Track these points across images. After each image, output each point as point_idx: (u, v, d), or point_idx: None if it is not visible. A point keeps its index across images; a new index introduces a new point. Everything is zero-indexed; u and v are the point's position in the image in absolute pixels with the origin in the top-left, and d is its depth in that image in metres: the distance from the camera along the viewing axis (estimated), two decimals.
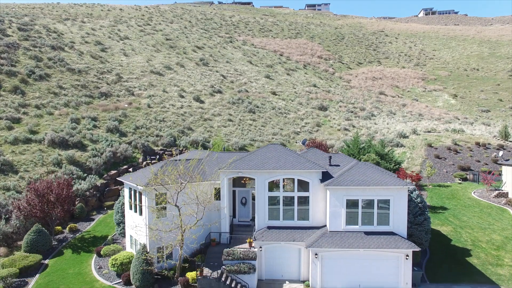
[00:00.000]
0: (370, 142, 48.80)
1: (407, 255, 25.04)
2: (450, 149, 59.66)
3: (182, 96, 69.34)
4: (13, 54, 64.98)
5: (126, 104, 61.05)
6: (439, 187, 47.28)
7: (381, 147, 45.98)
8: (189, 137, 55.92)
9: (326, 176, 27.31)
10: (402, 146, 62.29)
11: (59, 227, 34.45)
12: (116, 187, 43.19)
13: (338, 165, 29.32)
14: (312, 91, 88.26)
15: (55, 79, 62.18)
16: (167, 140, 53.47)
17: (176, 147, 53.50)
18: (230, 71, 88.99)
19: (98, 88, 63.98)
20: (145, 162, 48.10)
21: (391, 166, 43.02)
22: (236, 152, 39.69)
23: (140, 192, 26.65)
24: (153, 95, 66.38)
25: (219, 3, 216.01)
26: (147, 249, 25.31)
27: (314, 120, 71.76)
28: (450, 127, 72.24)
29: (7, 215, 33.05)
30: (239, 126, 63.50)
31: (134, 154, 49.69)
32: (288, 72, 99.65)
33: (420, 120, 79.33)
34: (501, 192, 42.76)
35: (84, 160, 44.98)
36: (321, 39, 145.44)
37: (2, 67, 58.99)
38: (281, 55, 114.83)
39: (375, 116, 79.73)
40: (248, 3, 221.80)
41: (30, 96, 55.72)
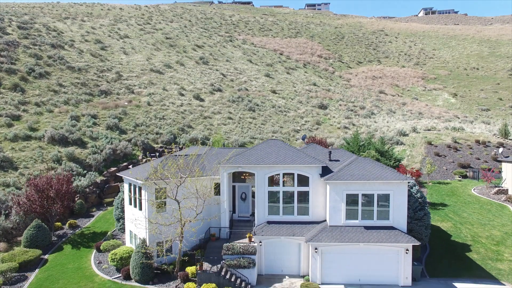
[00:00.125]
0: (370, 140, 48.72)
1: (407, 250, 25.04)
2: (450, 147, 59.61)
3: (182, 94, 69.33)
4: (13, 52, 64.98)
5: (126, 102, 61.04)
6: (439, 184, 47.25)
7: (381, 144, 45.94)
8: (189, 135, 55.93)
9: (326, 171, 27.29)
10: (402, 144, 62.25)
11: (59, 223, 34.43)
12: (116, 184, 43.20)
13: (338, 160, 29.30)
14: (312, 90, 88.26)
15: (55, 77, 62.18)
16: (167, 138, 53.49)
17: (176, 145, 53.48)
18: (230, 70, 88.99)
19: (98, 86, 63.98)
20: (145, 159, 48.07)
21: (391, 163, 42.96)
22: (236, 148, 39.65)
23: (140, 187, 26.63)
24: (153, 93, 66.38)
25: (219, 3, 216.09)
26: (147, 244, 25.30)
27: (314, 119, 71.75)
28: (450, 126, 72.17)
29: (7, 211, 33.04)
30: (239, 124, 63.49)
31: (134, 152, 49.70)
32: (288, 71, 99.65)
33: (420, 119, 79.29)
34: (501, 189, 42.70)
35: (84, 157, 44.99)
36: (321, 39, 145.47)
37: (2, 65, 58.99)
38: (281, 54, 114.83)
39: (375, 115, 79.73)
40: (248, 3, 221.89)
41: (30, 94, 55.71)
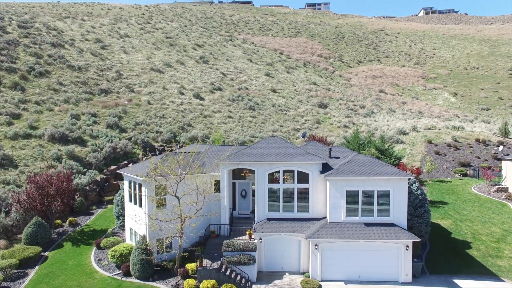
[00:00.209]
0: (370, 138, 48.71)
1: (407, 246, 25.03)
2: (450, 146, 59.62)
3: (182, 93, 69.34)
4: (13, 51, 65.00)
5: (126, 101, 61.04)
6: (439, 183, 47.25)
7: (381, 143, 45.92)
8: (189, 133, 55.93)
9: (326, 168, 27.29)
10: (402, 143, 62.25)
11: (59, 221, 34.43)
12: (116, 182, 43.18)
13: (338, 157, 29.31)
14: (312, 89, 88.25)
15: (55, 76, 62.20)
16: (167, 136, 53.47)
17: (176, 144, 53.47)
18: (230, 69, 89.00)
19: (98, 85, 63.99)
20: (145, 158, 48.06)
21: (391, 161, 42.93)
22: (236, 146, 39.64)
23: (140, 184, 26.63)
24: (153, 92, 66.39)
25: (219, 2, 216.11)
26: (147, 240, 25.30)
27: (314, 117, 71.75)
28: (450, 124, 72.17)
29: (7, 209, 33.04)
30: (239, 123, 63.49)
31: (134, 150, 49.70)
32: (288, 70, 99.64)
33: (420, 118, 79.27)
34: (501, 187, 42.72)
35: (84, 155, 44.99)
36: (321, 38, 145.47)
37: (2, 64, 59.01)
38: (281, 54, 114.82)
39: (375, 114, 79.72)
40: (248, 2, 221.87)
41: (30, 92, 55.72)
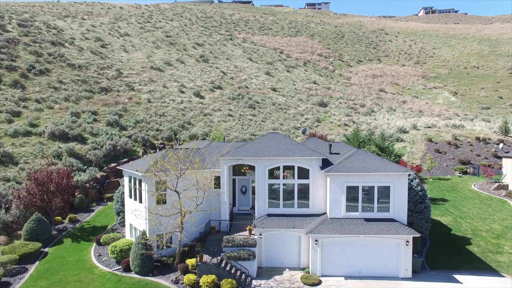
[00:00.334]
0: (370, 136, 48.69)
1: (407, 241, 25.02)
2: (450, 144, 59.64)
3: (182, 92, 69.35)
4: (13, 49, 65.01)
5: (126, 99, 61.05)
6: (439, 180, 47.24)
7: (381, 140, 45.87)
8: (189, 132, 55.95)
9: (326, 164, 27.29)
10: (402, 141, 62.28)
11: (59, 218, 34.43)
12: (116, 180, 43.21)
13: (338, 153, 29.29)
14: (312, 88, 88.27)
15: (55, 74, 62.20)
16: (167, 134, 53.46)
17: (176, 142, 53.45)
18: (230, 68, 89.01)
19: (98, 83, 63.99)
20: (145, 156, 48.05)
21: (391, 159, 42.83)
22: (236, 142, 39.60)
23: (140, 180, 26.64)
24: (153, 90, 66.39)
25: (219, 2, 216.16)
26: (147, 235, 25.30)
27: (314, 116, 71.77)
28: (450, 123, 72.19)
29: (7, 205, 33.03)
30: (239, 121, 63.51)
31: (134, 148, 49.69)
32: (288, 69, 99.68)
33: (420, 117, 79.29)
34: (501, 185, 42.72)
35: (84, 153, 44.99)
36: (321, 37, 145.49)
37: (2, 62, 59.01)
38: (281, 53, 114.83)
39: (375, 112, 79.73)
40: (248, 2, 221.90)
41: (30, 91, 55.72)
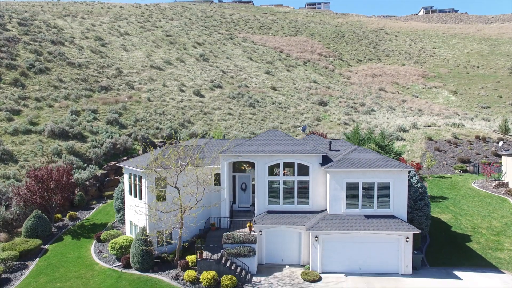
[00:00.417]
0: (370, 135, 48.70)
1: (408, 238, 25.03)
2: (450, 143, 59.64)
3: (182, 90, 69.35)
4: (13, 48, 64.99)
5: (126, 98, 61.06)
6: (439, 178, 47.25)
7: (381, 139, 45.90)
8: (189, 130, 55.97)
9: (326, 160, 27.30)
10: (402, 140, 62.28)
11: (59, 215, 34.45)
12: (116, 178, 43.18)
13: (338, 150, 29.31)
14: (312, 87, 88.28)
15: (55, 73, 62.20)
16: (167, 133, 53.49)
17: (176, 140, 53.50)
18: (230, 67, 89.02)
19: (98, 82, 64.00)
20: (145, 154, 48.10)
21: (391, 157, 42.88)
22: (236, 139, 39.60)
23: (140, 176, 26.63)
24: (153, 89, 66.40)
25: (219, 2, 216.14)
26: (147, 232, 25.30)
27: (314, 115, 71.77)
28: (450, 122, 72.19)
29: (7, 202, 33.04)
30: (239, 120, 63.50)
31: (134, 146, 49.70)
32: (288, 69, 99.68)
33: (420, 116, 79.30)
34: (501, 183, 42.73)
35: (84, 151, 44.99)
36: (321, 37, 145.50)
37: (2, 60, 59.00)
38: (281, 52, 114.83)
39: (375, 111, 79.73)
40: (248, 2, 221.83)
41: (30, 89, 55.72)
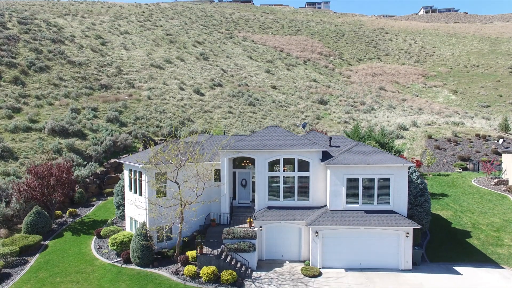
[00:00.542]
0: (371, 132, 48.73)
1: (408, 233, 25.03)
2: (450, 141, 59.63)
3: (182, 89, 69.37)
4: (13, 46, 65.02)
5: (127, 96, 61.06)
6: (439, 176, 47.25)
7: (381, 136, 45.89)
8: (189, 128, 55.96)
9: (327, 156, 27.30)
10: (402, 138, 62.29)
11: (59, 212, 34.44)
12: (116, 175, 43.19)
13: (339, 146, 29.31)
14: (312, 86, 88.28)
15: (55, 71, 62.20)
16: (167, 131, 53.50)
17: (177, 138, 53.51)
18: (230, 66, 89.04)
19: (99, 80, 63.99)
20: (145, 150, 48.12)
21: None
22: (236, 135, 39.60)
23: (140, 172, 26.64)
24: (153, 88, 66.41)
25: (219, 1, 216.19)
26: (147, 227, 25.31)
27: (314, 113, 71.77)
28: (450, 121, 72.19)
29: (7, 199, 33.04)
30: (239, 118, 63.51)
31: (134, 144, 49.71)
32: (288, 68, 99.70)
33: (420, 114, 79.29)
34: (501, 180, 42.74)
35: (84, 149, 45.00)
36: (321, 36, 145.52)
37: (2, 59, 59.00)
38: (281, 51, 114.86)
39: (375, 110, 79.74)
40: (248, 1, 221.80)
41: (30, 87, 55.72)
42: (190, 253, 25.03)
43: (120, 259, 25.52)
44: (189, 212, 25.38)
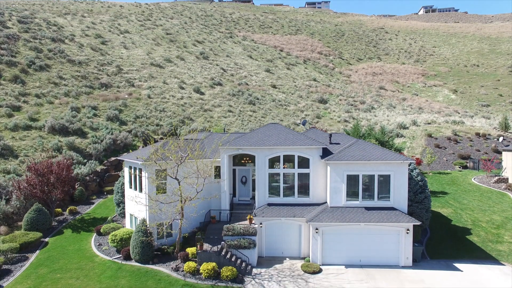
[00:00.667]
0: (371, 131, 48.71)
1: (408, 230, 25.02)
2: (450, 139, 59.67)
3: (182, 88, 69.38)
4: (13, 45, 65.02)
5: (126, 95, 61.07)
6: (440, 174, 47.25)
7: (381, 135, 45.91)
8: (189, 127, 55.96)
9: (327, 153, 27.30)
10: (402, 137, 62.30)
11: (59, 209, 34.44)
12: (116, 173, 43.21)
13: (339, 143, 29.32)
14: (312, 85, 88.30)
15: (55, 70, 62.22)
16: (167, 129, 53.50)
17: (177, 136, 53.53)
18: (230, 65, 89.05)
19: (99, 79, 64.00)
20: (145, 147, 48.13)
21: None
22: (236, 133, 39.61)
23: (141, 169, 26.64)
24: (153, 86, 66.42)
25: (219, 1, 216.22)
26: (147, 223, 25.30)
27: (314, 112, 71.78)
28: (450, 119, 72.20)
29: (8, 196, 33.04)
30: (239, 117, 63.52)
31: (134, 142, 49.70)
32: (288, 67, 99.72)
33: (420, 113, 79.29)
34: (501, 178, 42.75)
35: (84, 147, 44.99)
36: (321, 36, 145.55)
37: (2, 57, 59.02)
38: (281, 51, 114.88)
39: (375, 109, 79.75)
40: (248, 1, 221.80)
41: (30, 86, 55.73)
42: (190, 250, 25.02)
43: (120, 256, 25.52)
44: (189, 208, 25.37)
